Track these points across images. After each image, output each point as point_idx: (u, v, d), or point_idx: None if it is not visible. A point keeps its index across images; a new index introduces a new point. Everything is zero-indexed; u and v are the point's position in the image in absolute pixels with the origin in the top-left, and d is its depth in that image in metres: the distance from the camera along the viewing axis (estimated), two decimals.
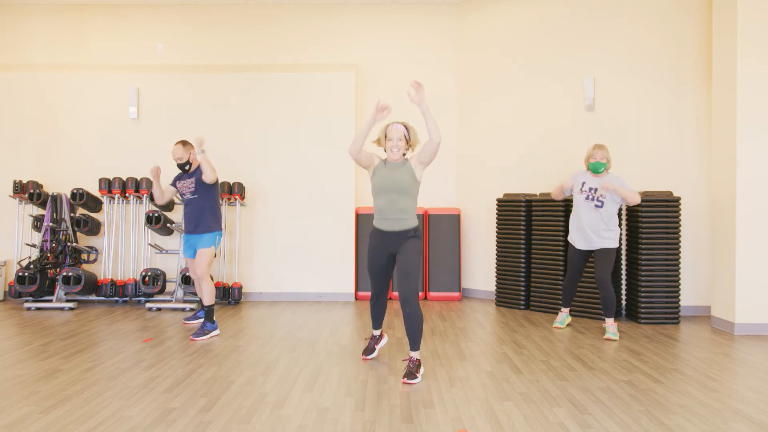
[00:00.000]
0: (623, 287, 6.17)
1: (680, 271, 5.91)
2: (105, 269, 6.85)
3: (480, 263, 7.35)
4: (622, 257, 6.12)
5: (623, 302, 6.18)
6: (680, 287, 5.85)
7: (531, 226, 6.55)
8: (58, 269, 6.60)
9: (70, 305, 6.35)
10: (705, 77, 6.21)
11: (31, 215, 6.88)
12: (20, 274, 6.31)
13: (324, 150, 7.18)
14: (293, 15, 7.47)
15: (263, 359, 4.34)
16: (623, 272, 6.16)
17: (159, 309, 6.36)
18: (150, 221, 6.41)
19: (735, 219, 5.31)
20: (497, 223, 6.80)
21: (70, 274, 6.30)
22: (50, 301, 6.47)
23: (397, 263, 3.95)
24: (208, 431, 2.96)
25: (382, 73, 7.48)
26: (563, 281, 5.84)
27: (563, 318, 5.58)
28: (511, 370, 4.07)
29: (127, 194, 6.82)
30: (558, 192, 5.47)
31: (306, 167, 7.19)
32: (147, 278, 6.40)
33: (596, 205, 5.21)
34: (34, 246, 6.68)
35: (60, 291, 6.48)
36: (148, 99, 7.25)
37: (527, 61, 6.95)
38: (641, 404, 3.38)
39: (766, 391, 3.65)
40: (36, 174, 7.14)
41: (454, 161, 7.58)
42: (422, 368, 3.97)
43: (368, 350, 4.41)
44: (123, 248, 7.00)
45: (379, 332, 4.44)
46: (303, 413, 3.21)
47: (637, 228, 5.86)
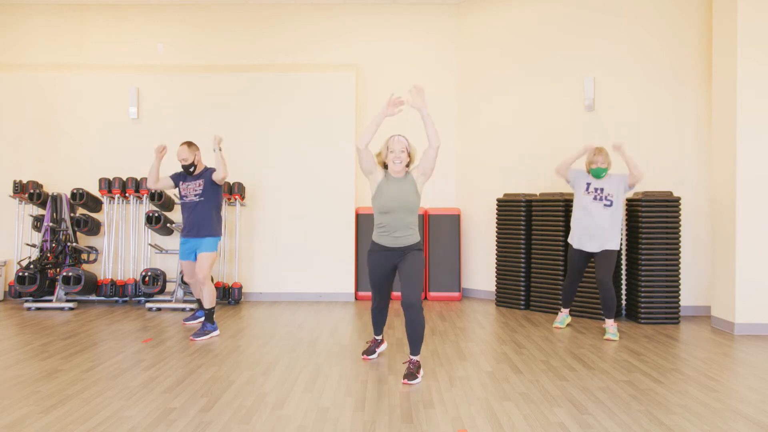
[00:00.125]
0: (623, 287, 6.18)
1: (680, 271, 5.91)
2: (105, 269, 6.85)
3: (480, 263, 7.35)
4: (622, 257, 6.12)
5: (623, 302, 6.18)
6: (680, 287, 5.85)
7: (531, 226, 6.55)
8: (58, 269, 6.60)
9: (70, 305, 6.35)
10: (705, 77, 6.21)
11: (31, 215, 6.88)
12: (20, 274, 6.31)
13: (324, 150, 7.18)
14: (293, 15, 7.47)
15: (263, 359, 4.34)
16: (623, 272, 6.17)
17: (159, 309, 6.36)
18: (150, 221, 6.41)
19: (735, 219, 5.31)
20: (497, 223, 6.80)
21: (70, 274, 6.30)
22: (50, 301, 6.47)
23: (401, 270, 3.95)
24: (208, 431, 2.96)
25: (382, 73, 7.49)
26: (563, 282, 5.84)
27: (563, 318, 5.58)
28: (511, 370, 4.07)
29: (127, 194, 6.82)
30: (565, 167, 5.34)
31: (306, 167, 7.19)
32: (147, 278, 6.40)
33: (605, 205, 5.19)
34: (34, 246, 6.68)
35: (60, 291, 6.48)
36: (148, 99, 7.25)
37: (527, 61, 6.95)
38: (641, 404, 3.38)
39: (766, 391, 3.65)
40: (36, 174, 7.14)
41: (454, 161, 7.58)
42: (422, 370, 3.97)
43: (369, 351, 4.43)
44: (123, 248, 7.01)
45: (381, 337, 4.47)
46: (303, 413, 3.21)
47: (637, 228, 5.86)
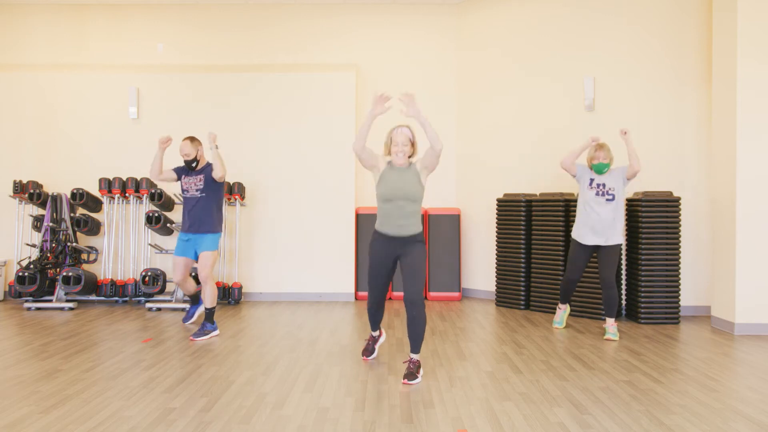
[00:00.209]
0: (623, 287, 6.17)
1: (680, 271, 5.91)
2: (105, 269, 6.85)
3: (480, 263, 7.35)
4: (623, 257, 6.12)
5: (623, 302, 6.18)
6: (680, 287, 5.85)
7: (531, 226, 6.55)
8: (58, 269, 6.60)
9: (70, 305, 6.35)
10: (705, 77, 6.21)
11: (31, 215, 6.88)
12: (20, 274, 6.31)
13: (324, 150, 7.18)
14: (293, 15, 7.47)
15: (263, 359, 4.34)
16: (623, 272, 6.17)
17: (159, 309, 6.36)
18: (150, 221, 6.41)
19: (735, 219, 5.31)
20: (497, 223, 6.80)
21: (70, 274, 6.30)
22: (50, 301, 6.47)
23: (403, 265, 3.91)
24: (208, 431, 2.96)
25: (382, 73, 7.48)
26: (562, 277, 5.79)
27: (562, 316, 5.52)
28: (511, 370, 4.07)
29: (127, 194, 6.82)
30: (570, 161, 5.29)
31: (306, 167, 7.19)
32: (147, 278, 6.40)
33: (608, 199, 5.19)
34: (34, 246, 6.68)
35: (60, 291, 6.47)
36: (148, 99, 7.25)
37: (527, 61, 6.95)
38: (641, 404, 3.38)
39: (766, 391, 3.65)
40: (36, 174, 7.14)
41: (454, 161, 7.58)
42: (422, 369, 3.97)
43: (368, 350, 4.40)
44: (123, 248, 7.00)
45: (378, 332, 4.42)
46: (303, 413, 3.21)
47: (637, 228, 5.86)
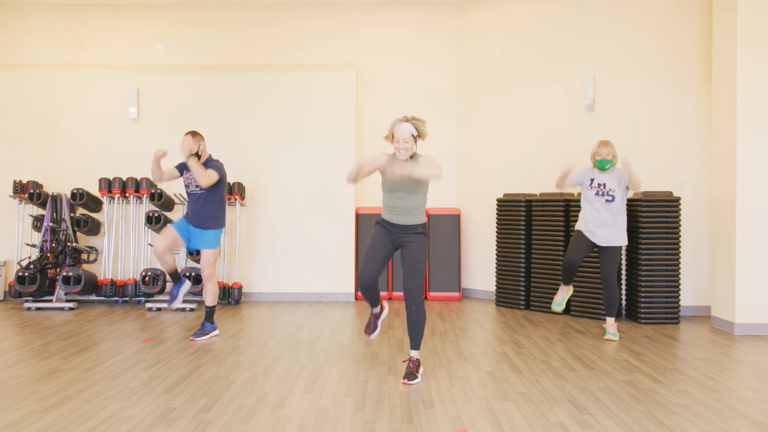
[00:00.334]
0: (623, 287, 6.17)
1: (680, 271, 5.90)
2: (105, 269, 6.85)
3: (480, 263, 7.35)
4: (623, 257, 6.12)
5: (623, 302, 6.17)
6: (680, 287, 5.85)
7: (531, 226, 6.55)
8: (58, 269, 6.60)
9: (70, 305, 6.35)
10: (705, 77, 6.21)
11: (31, 215, 6.88)
12: (20, 274, 6.31)
13: (324, 150, 7.18)
14: (293, 15, 7.47)
15: (263, 359, 4.34)
16: (623, 272, 6.16)
17: (159, 309, 6.36)
18: (150, 221, 6.42)
19: (735, 219, 5.31)
20: (497, 223, 6.80)
21: (70, 274, 6.30)
22: (50, 301, 6.47)
23: (404, 259, 3.83)
24: (208, 431, 2.96)
25: (382, 73, 7.49)
26: (563, 259, 5.47)
27: (563, 296, 5.22)
28: (511, 370, 4.07)
29: (127, 194, 6.82)
30: (561, 181, 5.22)
31: (306, 167, 7.19)
32: (147, 278, 6.40)
33: (607, 200, 5.18)
34: (34, 246, 6.68)
35: (60, 291, 6.47)
36: (148, 99, 7.25)
37: (527, 61, 6.95)
38: (641, 404, 3.38)
39: (766, 391, 3.65)
40: (36, 174, 7.14)
41: (454, 161, 7.58)
42: (421, 368, 3.96)
43: (370, 327, 4.13)
44: (123, 248, 7.00)
45: (378, 308, 4.11)
46: (303, 413, 3.21)
47: (637, 228, 5.86)
